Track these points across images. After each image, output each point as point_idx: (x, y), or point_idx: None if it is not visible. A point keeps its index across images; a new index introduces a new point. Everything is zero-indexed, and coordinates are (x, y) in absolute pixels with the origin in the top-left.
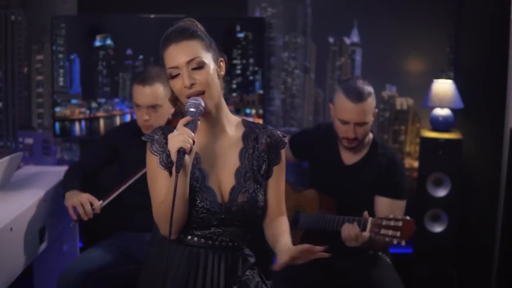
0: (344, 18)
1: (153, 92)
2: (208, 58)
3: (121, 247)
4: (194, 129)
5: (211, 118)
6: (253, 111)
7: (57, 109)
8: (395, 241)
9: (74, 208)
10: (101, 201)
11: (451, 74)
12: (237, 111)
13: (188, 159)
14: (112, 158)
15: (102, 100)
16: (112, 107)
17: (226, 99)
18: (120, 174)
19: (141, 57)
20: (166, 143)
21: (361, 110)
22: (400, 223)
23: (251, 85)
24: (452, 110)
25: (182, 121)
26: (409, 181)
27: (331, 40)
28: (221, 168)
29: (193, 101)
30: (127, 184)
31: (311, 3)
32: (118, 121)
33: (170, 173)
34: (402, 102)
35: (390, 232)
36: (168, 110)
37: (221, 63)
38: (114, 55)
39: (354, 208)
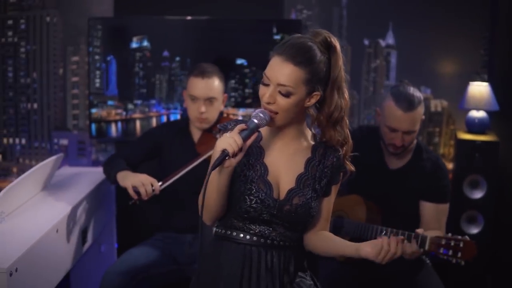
0: (379, 20)
1: (211, 85)
2: (300, 91)
3: (162, 248)
4: (246, 139)
5: (282, 127)
6: None
7: (93, 110)
8: (454, 261)
9: (134, 187)
10: (160, 183)
11: (485, 76)
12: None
13: (231, 161)
14: (153, 154)
15: (139, 102)
16: (148, 108)
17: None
18: (161, 172)
19: (178, 58)
20: None
21: (411, 119)
22: (461, 244)
23: None
24: (488, 112)
25: (239, 127)
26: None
27: (366, 42)
28: (284, 169)
29: (261, 115)
30: (186, 169)
31: (347, 5)
32: (154, 122)
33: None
34: (437, 104)
35: (450, 252)
36: (221, 104)
37: (314, 96)
38: (151, 57)
39: (399, 213)
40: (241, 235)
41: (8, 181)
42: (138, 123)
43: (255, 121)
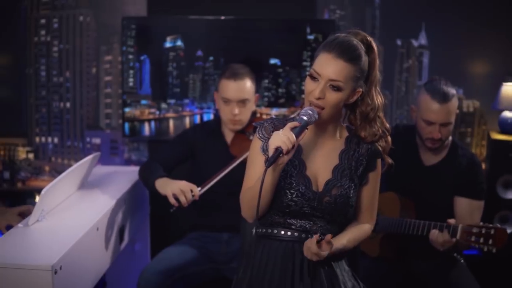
0: (412, 20)
1: (243, 87)
2: (348, 86)
3: (198, 247)
4: (298, 135)
5: (321, 123)
6: None
7: (127, 110)
8: (485, 249)
9: (174, 195)
10: (199, 188)
11: None
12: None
13: (283, 159)
14: (186, 157)
15: (172, 101)
16: (181, 108)
17: (295, 101)
18: (194, 174)
19: (211, 58)
20: (273, 131)
21: (446, 111)
22: (492, 231)
23: None
24: None
25: (291, 125)
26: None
27: (399, 42)
28: (321, 163)
29: (309, 112)
30: (224, 173)
31: (380, 5)
32: (187, 122)
33: (265, 162)
34: (469, 104)
35: (481, 240)
36: (253, 104)
37: (357, 93)
38: (184, 56)
39: (433, 209)
40: (282, 232)
41: (40, 180)
42: (171, 123)
43: (305, 118)
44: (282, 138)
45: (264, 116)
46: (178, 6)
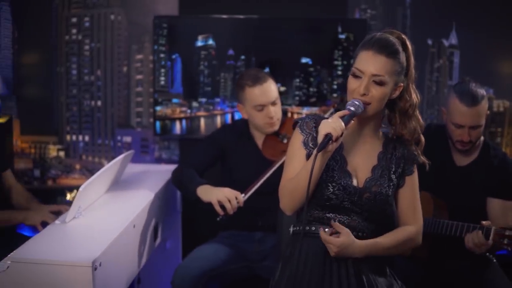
0: (443, 20)
1: (271, 88)
2: (391, 80)
3: (231, 245)
4: (346, 124)
5: (365, 120)
6: None
7: (158, 108)
8: None
9: (219, 202)
10: (243, 195)
11: None
12: (337, 112)
13: (331, 146)
14: (218, 158)
15: (203, 100)
16: (213, 106)
17: (327, 100)
18: (226, 176)
19: (242, 57)
20: (315, 128)
21: (476, 114)
22: None
23: None
24: None
25: (339, 113)
26: None
27: (429, 42)
28: (360, 160)
29: (356, 103)
30: (265, 177)
31: (411, 5)
32: (219, 120)
33: (308, 156)
34: (499, 104)
35: None
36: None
37: (398, 88)
38: (216, 55)
39: (466, 210)
40: (321, 228)
41: (70, 178)
42: (202, 121)
43: (352, 108)
44: (332, 125)
45: (296, 115)
46: (210, 5)
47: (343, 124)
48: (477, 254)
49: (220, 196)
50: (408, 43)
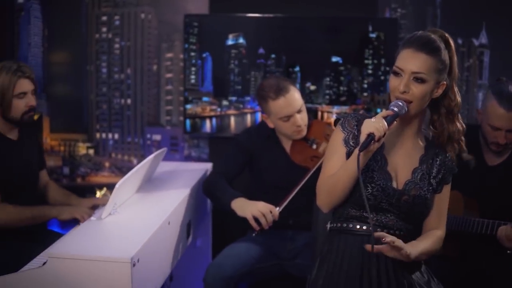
0: (472, 20)
1: (295, 97)
2: (432, 78)
3: (263, 243)
4: (389, 124)
5: (407, 120)
6: (384, 111)
7: (188, 106)
8: None
9: (255, 217)
10: (278, 208)
11: None
12: (367, 111)
13: (373, 146)
14: (246, 164)
15: (233, 98)
16: (243, 105)
17: (357, 98)
18: (255, 177)
19: (273, 56)
20: (356, 126)
21: None
22: None
23: (382, 85)
24: None
25: (383, 114)
26: None
27: (459, 41)
28: (402, 163)
29: (400, 103)
30: (298, 187)
31: (441, 4)
32: (249, 119)
33: (348, 154)
34: None
35: None
36: None
37: (441, 86)
38: (246, 54)
39: (497, 209)
40: (358, 226)
41: (100, 175)
42: (232, 120)
43: (396, 109)
44: (375, 125)
45: (326, 114)
46: (240, 4)
47: (386, 124)
48: (506, 247)
49: (255, 212)
50: (451, 41)
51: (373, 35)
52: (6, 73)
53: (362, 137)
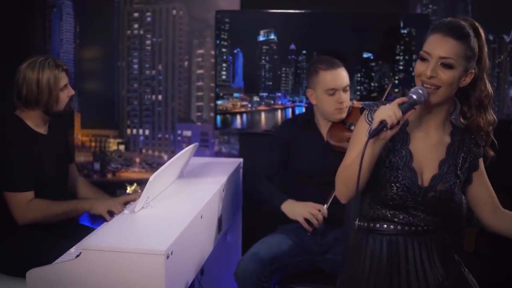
0: (504, 16)
1: (345, 73)
2: (460, 64)
3: (294, 238)
4: (405, 112)
5: (433, 110)
6: None
7: (219, 102)
8: None
9: (306, 219)
10: (325, 205)
11: None
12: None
13: (387, 133)
14: (285, 158)
15: (264, 94)
16: (273, 101)
17: (389, 95)
18: (289, 170)
19: (304, 52)
20: None
21: None
22: None
23: (413, 81)
24: None
25: (398, 100)
26: None
27: (490, 37)
28: (428, 155)
29: (419, 91)
30: None
31: (472, 0)
32: (279, 115)
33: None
34: None
35: None
36: None
37: (469, 75)
38: (277, 50)
39: None
40: (385, 225)
41: (130, 171)
42: (263, 116)
43: (414, 96)
44: (388, 112)
45: None
46: (271, 0)
47: (400, 112)
48: None
49: (305, 214)
50: (481, 30)
51: (404, 31)
52: (50, 69)
53: (374, 124)
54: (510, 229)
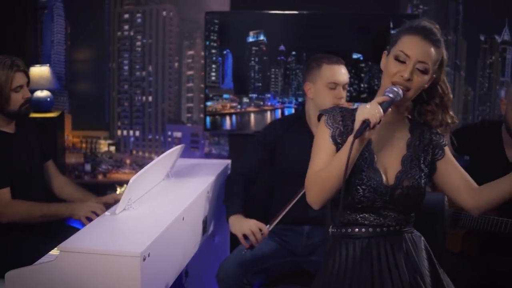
0: (495, 16)
1: (346, 71)
2: (432, 69)
3: (279, 239)
4: (385, 111)
5: (395, 110)
6: None
7: (209, 104)
8: None
9: (245, 235)
10: (268, 225)
11: None
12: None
13: (368, 133)
14: (268, 159)
15: (254, 95)
16: (263, 102)
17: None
18: (275, 169)
19: (293, 53)
20: (342, 121)
21: None
22: None
23: None
24: None
25: (378, 100)
26: None
27: (482, 38)
28: (389, 153)
29: (395, 90)
30: (291, 205)
31: (463, 0)
32: (269, 116)
33: (337, 150)
34: None
35: None
36: None
37: (431, 79)
38: (267, 51)
39: None
40: (357, 229)
41: (121, 172)
42: (252, 117)
43: (391, 95)
44: (370, 111)
45: None
46: (260, 1)
47: (381, 110)
48: None
49: (245, 230)
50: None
51: (394, 32)
52: (2, 69)
53: (357, 124)
54: (496, 197)
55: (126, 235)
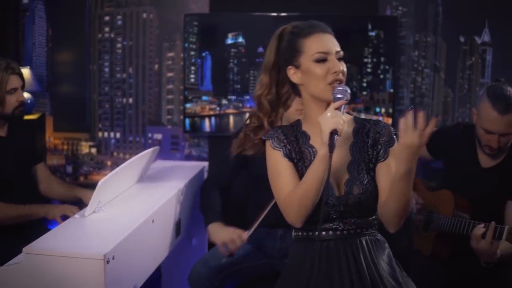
0: (475, 17)
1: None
2: None
3: (252, 242)
4: (342, 114)
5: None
6: (383, 110)
7: (188, 105)
8: None
9: (224, 243)
10: (247, 232)
11: None
12: (367, 110)
13: (338, 140)
14: (242, 164)
15: (233, 97)
16: (242, 104)
17: (357, 98)
18: (250, 175)
19: None
20: (286, 139)
21: (508, 122)
22: None
23: (382, 84)
24: None
25: (334, 105)
26: None
27: (462, 39)
28: (335, 163)
29: (342, 89)
30: (267, 210)
31: (442, 2)
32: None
33: (295, 165)
34: None
35: None
36: None
37: None
38: (246, 53)
39: (489, 212)
40: (316, 233)
41: (102, 174)
42: (231, 119)
43: (341, 95)
44: (334, 120)
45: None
46: (240, 3)
47: (342, 115)
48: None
49: (224, 238)
50: None
51: (372, 34)
52: None
53: (325, 137)
54: (387, 194)
55: (92, 238)
